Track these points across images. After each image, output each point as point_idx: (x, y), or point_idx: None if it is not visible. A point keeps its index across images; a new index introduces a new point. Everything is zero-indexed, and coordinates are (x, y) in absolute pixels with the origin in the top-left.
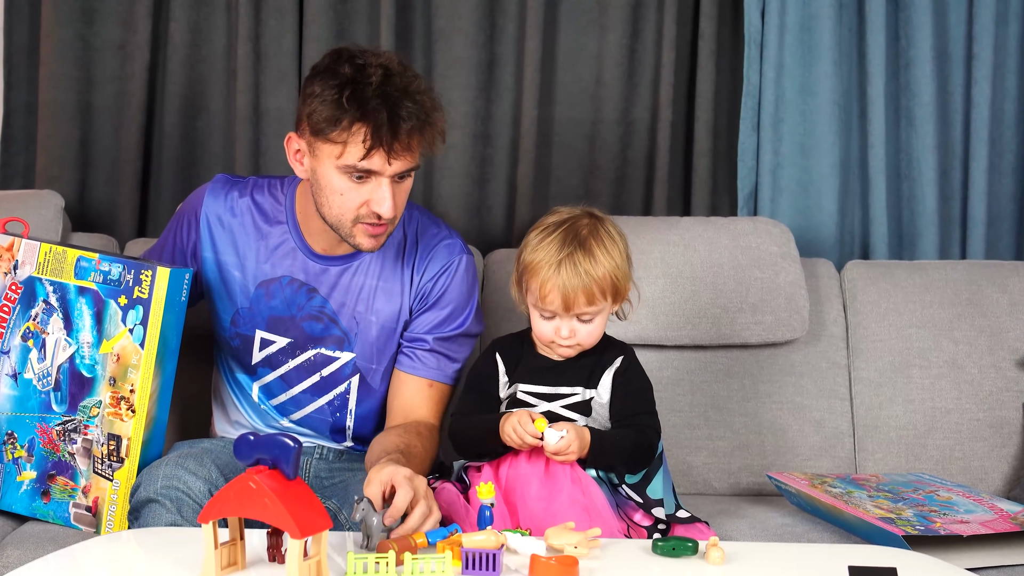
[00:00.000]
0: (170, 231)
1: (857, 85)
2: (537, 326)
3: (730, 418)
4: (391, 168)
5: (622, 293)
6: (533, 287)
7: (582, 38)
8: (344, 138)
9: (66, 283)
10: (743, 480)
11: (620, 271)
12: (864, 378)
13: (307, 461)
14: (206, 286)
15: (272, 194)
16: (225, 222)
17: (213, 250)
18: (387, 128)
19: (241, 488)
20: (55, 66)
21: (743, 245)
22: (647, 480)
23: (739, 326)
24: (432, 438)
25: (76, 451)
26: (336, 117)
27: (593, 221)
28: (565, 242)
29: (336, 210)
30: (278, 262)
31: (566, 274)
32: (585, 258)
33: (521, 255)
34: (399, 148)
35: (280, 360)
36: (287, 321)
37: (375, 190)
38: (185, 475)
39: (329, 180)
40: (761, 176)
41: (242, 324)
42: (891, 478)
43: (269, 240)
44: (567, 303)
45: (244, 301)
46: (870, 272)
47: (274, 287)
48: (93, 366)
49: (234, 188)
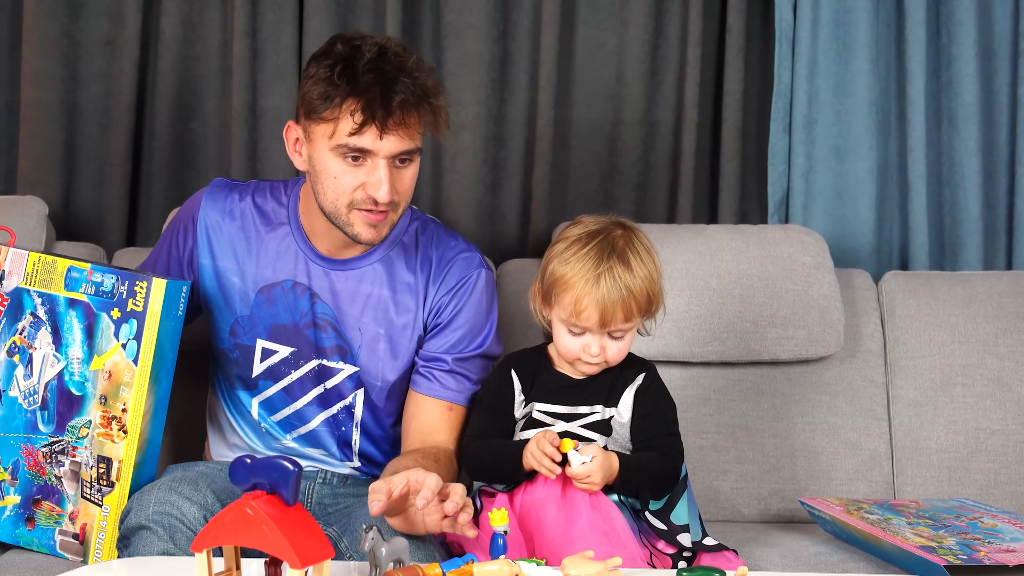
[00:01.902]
0: (165, 240)
1: (896, 84)
2: (563, 342)
3: (760, 440)
4: (385, 146)
5: (655, 308)
6: (566, 302)
7: (601, 33)
8: (336, 115)
9: (55, 295)
10: (774, 506)
11: (656, 284)
12: (903, 397)
13: (309, 486)
14: (203, 295)
15: (275, 196)
16: (224, 227)
17: (211, 256)
18: (379, 102)
19: (237, 514)
20: (38, 63)
21: (774, 255)
22: (671, 505)
23: (769, 341)
24: (451, 466)
25: (63, 474)
26: (327, 94)
27: (626, 231)
28: (603, 255)
29: (331, 195)
30: (280, 266)
31: (606, 288)
32: (625, 271)
33: (548, 267)
34: (392, 124)
35: (283, 371)
36: (290, 329)
37: (371, 172)
38: (179, 500)
39: (324, 164)
40: (793, 181)
41: (242, 334)
42: (932, 504)
43: (270, 244)
44: (604, 319)
45: (244, 309)
46: (909, 283)
47: (275, 292)
48: (83, 383)
49: (233, 191)
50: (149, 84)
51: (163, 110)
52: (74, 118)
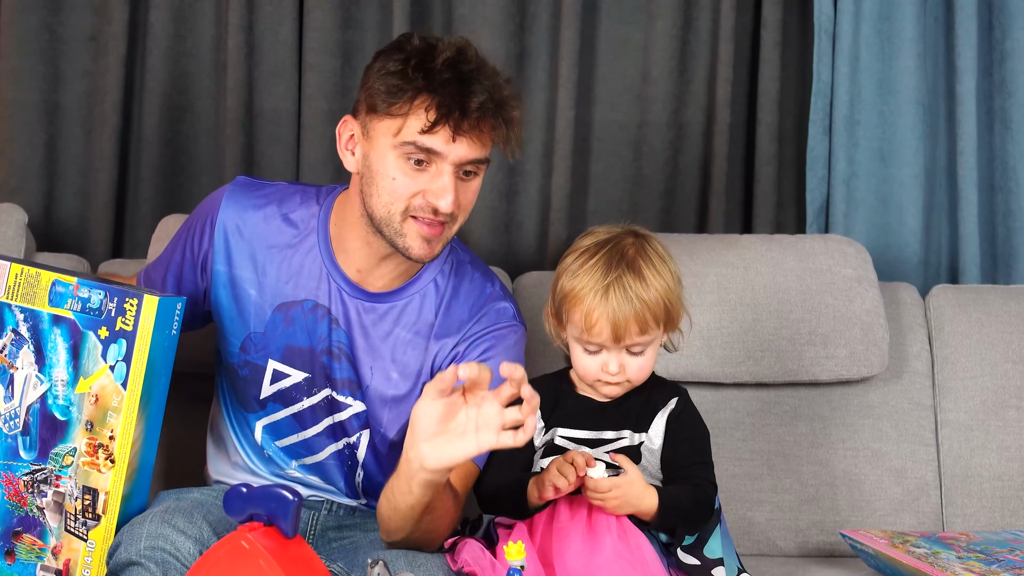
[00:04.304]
0: (179, 239)
1: (944, 82)
2: (580, 362)
3: (797, 467)
4: (456, 150)
5: (674, 319)
6: (576, 318)
7: (626, 28)
8: (406, 110)
9: (39, 311)
10: (812, 539)
11: (673, 294)
12: (952, 421)
13: (312, 516)
14: (215, 304)
15: (305, 203)
16: (244, 231)
17: (228, 263)
18: (456, 101)
19: (232, 548)
20: (16, 60)
21: (812, 267)
22: (703, 539)
23: (808, 361)
24: (457, 502)
25: (46, 505)
26: (399, 87)
27: (638, 239)
28: (611, 264)
29: (386, 198)
30: (302, 283)
31: (615, 300)
32: (635, 281)
33: (558, 283)
34: (467, 127)
35: (294, 397)
36: (306, 353)
37: (435, 178)
38: (172, 533)
39: (383, 163)
40: (833, 187)
41: (253, 352)
42: (984, 536)
43: (295, 257)
44: (617, 333)
45: (258, 325)
46: (959, 298)
47: (294, 312)
48: (68, 407)
49: (259, 192)
50: (137, 82)
51: (152, 111)
52: (55, 119)
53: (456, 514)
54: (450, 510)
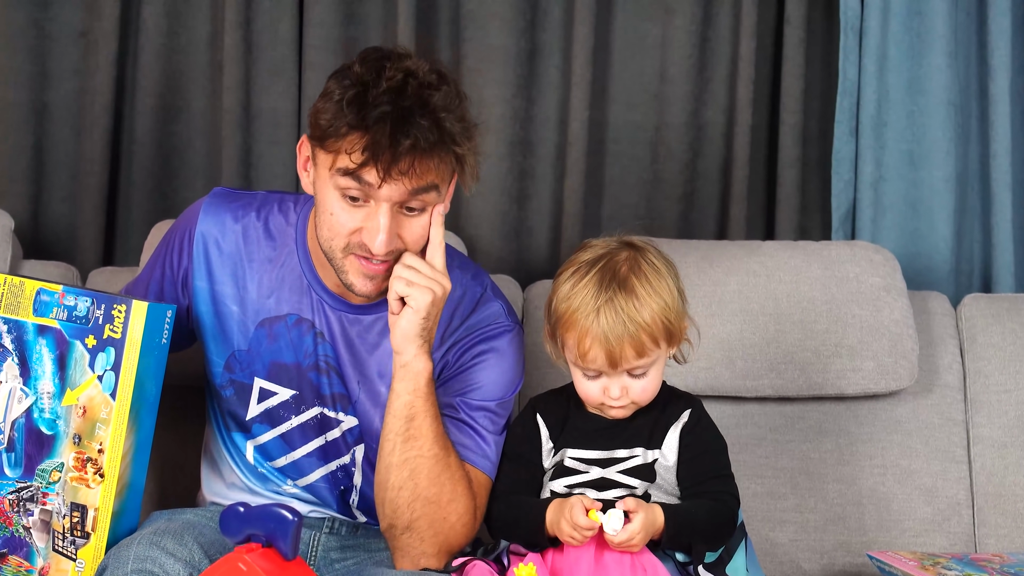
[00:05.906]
0: (157, 256)
1: (977, 81)
2: (581, 387)
3: (822, 485)
4: (388, 190)
5: (677, 335)
6: (570, 342)
7: (643, 24)
8: (338, 146)
9: (23, 321)
10: (838, 560)
11: (671, 310)
12: (985, 437)
13: (313, 536)
14: (198, 323)
15: (283, 213)
16: (224, 245)
17: (208, 279)
18: (386, 143)
19: (229, 569)
20: (2, 58)
21: (838, 275)
22: (725, 558)
23: (833, 374)
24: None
25: (33, 525)
26: (331, 122)
27: (632, 253)
28: (602, 284)
29: (326, 233)
30: (284, 296)
31: (607, 323)
32: (627, 301)
33: (552, 304)
34: (396, 172)
35: (282, 416)
36: (292, 369)
37: (369, 218)
38: (161, 556)
39: (324, 195)
40: (860, 191)
41: (239, 370)
42: (1018, 558)
43: (275, 270)
44: (612, 359)
45: (242, 342)
46: (992, 308)
47: (278, 327)
48: (54, 421)
49: (236, 203)
50: (129, 81)
51: (145, 111)
52: (43, 120)
53: (468, 505)
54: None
